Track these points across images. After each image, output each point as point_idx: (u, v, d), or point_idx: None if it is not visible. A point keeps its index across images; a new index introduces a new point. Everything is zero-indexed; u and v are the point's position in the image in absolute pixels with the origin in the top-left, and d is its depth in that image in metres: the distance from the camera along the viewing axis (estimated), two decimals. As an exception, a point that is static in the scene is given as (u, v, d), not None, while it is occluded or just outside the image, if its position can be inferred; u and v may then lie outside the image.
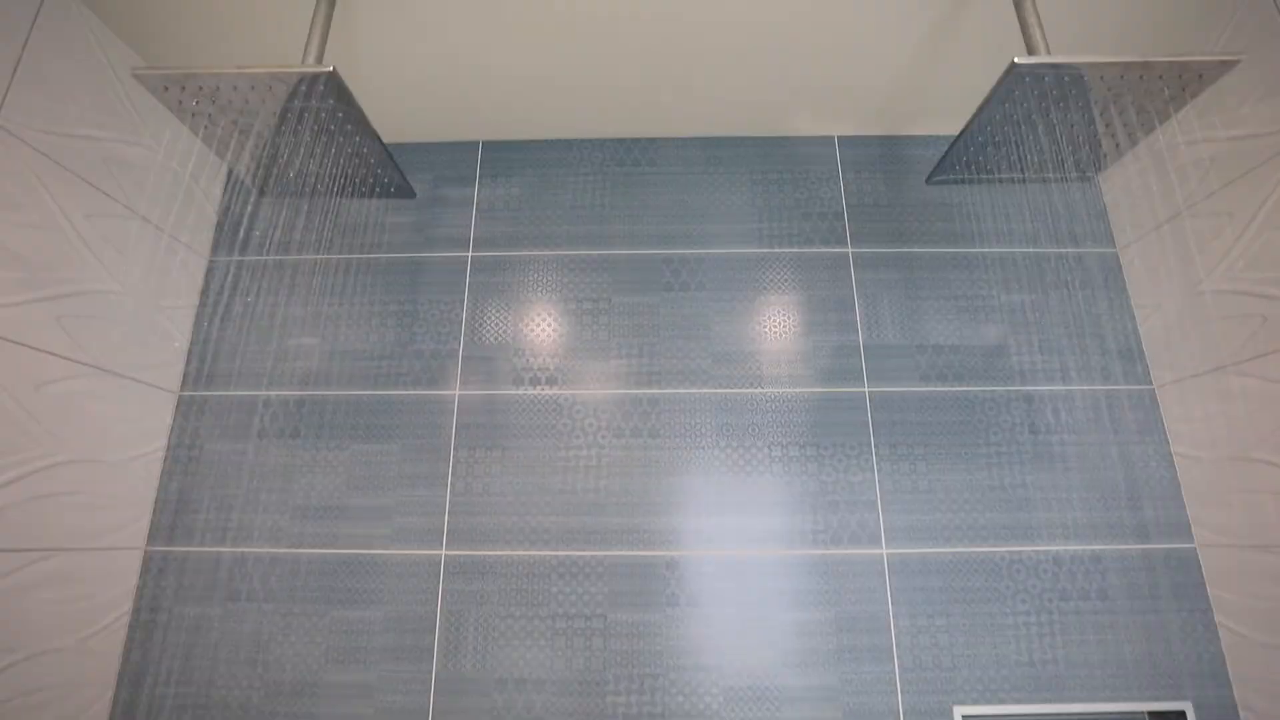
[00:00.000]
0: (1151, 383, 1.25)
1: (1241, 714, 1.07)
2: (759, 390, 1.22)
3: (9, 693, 0.94)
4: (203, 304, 1.32)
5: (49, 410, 1.01)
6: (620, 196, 1.35)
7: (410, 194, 1.30)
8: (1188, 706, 1.08)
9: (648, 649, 1.10)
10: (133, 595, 1.16)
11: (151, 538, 1.19)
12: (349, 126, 0.98)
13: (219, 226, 1.37)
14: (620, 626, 1.11)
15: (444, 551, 1.15)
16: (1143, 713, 1.13)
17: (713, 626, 1.11)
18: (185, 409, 1.26)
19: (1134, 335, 1.27)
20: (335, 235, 1.35)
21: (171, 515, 1.19)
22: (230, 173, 1.40)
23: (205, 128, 0.98)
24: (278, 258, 1.34)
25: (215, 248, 1.36)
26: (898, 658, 1.09)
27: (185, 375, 1.28)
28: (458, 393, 1.24)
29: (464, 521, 1.16)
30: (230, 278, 1.33)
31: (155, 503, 1.20)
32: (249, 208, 1.37)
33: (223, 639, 1.13)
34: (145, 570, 1.17)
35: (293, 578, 1.15)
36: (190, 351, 1.29)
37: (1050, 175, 1.28)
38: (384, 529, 1.17)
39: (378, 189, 1.22)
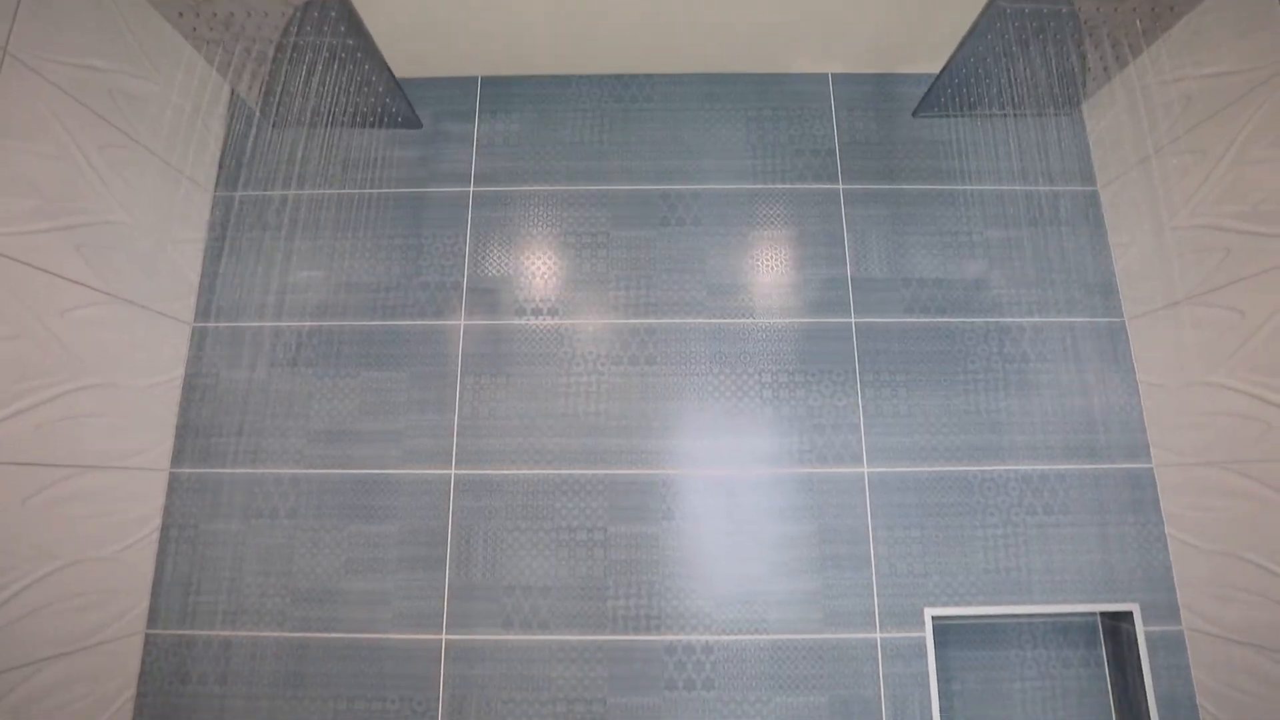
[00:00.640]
0: (1123, 315, 1.31)
1: (1182, 612, 1.18)
2: (751, 320, 1.28)
3: (56, 595, 1.02)
4: (210, 238, 1.35)
5: (73, 336, 1.05)
6: (618, 133, 1.38)
7: (417, 124, 1.33)
8: (1135, 607, 1.19)
9: (645, 559, 1.19)
10: (160, 513, 1.23)
11: (175, 460, 1.25)
12: (359, 54, 1.00)
13: (223, 162, 1.39)
14: (619, 538, 1.19)
15: (453, 471, 1.22)
16: (1095, 613, 1.24)
17: (705, 538, 1.20)
18: (199, 339, 1.30)
19: (1109, 270, 1.33)
20: (339, 170, 1.38)
21: (193, 439, 1.26)
22: (232, 108, 1.41)
23: (220, 55, 0.99)
24: (282, 192, 1.36)
25: (220, 183, 1.38)
26: (875, 566, 1.19)
27: (198, 307, 1.32)
28: (462, 323, 1.29)
29: (472, 443, 1.23)
30: (236, 212, 1.35)
31: (177, 427, 1.27)
32: (252, 143, 1.39)
33: (249, 552, 1.21)
34: (171, 490, 1.24)
35: (312, 496, 1.23)
36: (201, 284, 1.33)
37: (1033, 110, 1.32)
38: (396, 450, 1.24)
39: (385, 119, 1.25)
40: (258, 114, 1.37)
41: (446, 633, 1.16)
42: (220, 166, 1.39)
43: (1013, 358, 1.28)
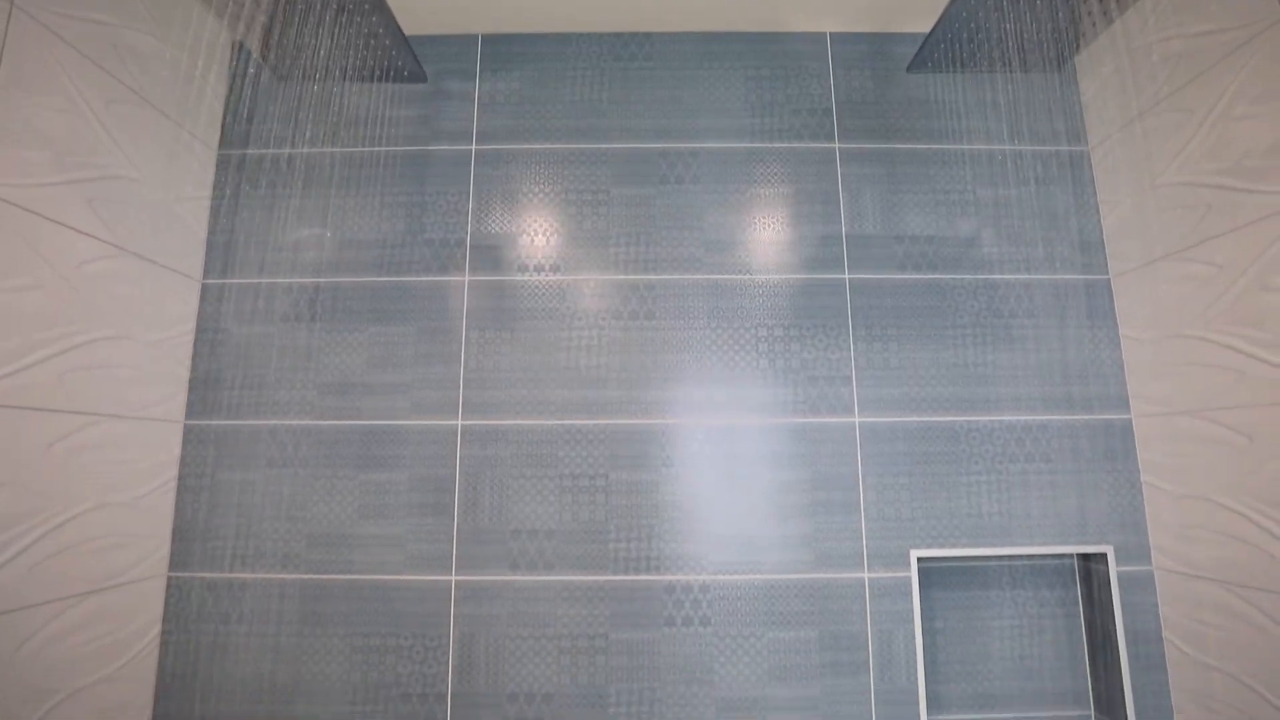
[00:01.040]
0: (1108, 273, 1.35)
1: (1153, 553, 1.24)
2: (748, 277, 1.32)
3: (84, 536, 1.07)
4: (216, 196, 1.37)
5: (89, 288, 1.08)
6: (618, 91, 1.40)
7: (422, 78, 1.34)
8: (1109, 549, 1.25)
9: (644, 504, 1.24)
10: (176, 462, 1.28)
11: (189, 411, 1.29)
12: (366, 6, 1.02)
13: (226, 120, 1.40)
14: (620, 485, 1.25)
15: (460, 421, 1.27)
16: (1071, 554, 1.31)
17: (702, 485, 1.25)
18: (208, 295, 1.33)
19: (1095, 229, 1.37)
20: (341, 128, 1.39)
21: (205, 391, 1.30)
22: (235, 66, 1.42)
23: (229, 7, 1.00)
24: (286, 151, 1.38)
25: (224, 141, 1.39)
26: (864, 510, 1.25)
27: (206, 264, 1.35)
28: (466, 279, 1.32)
29: (477, 395, 1.28)
30: (240, 170, 1.37)
31: (190, 380, 1.30)
32: (257, 101, 1.40)
33: (264, 499, 1.26)
34: (186, 441, 1.29)
35: (323, 446, 1.27)
36: (208, 241, 1.35)
37: (1026, 68, 1.34)
38: (404, 402, 1.28)
39: (391, 73, 1.26)
40: (264, 68, 1.38)
41: (456, 574, 1.22)
42: (224, 125, 1.40)
43: (1000, 313, 1.32)
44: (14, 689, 0.96)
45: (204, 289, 1.34)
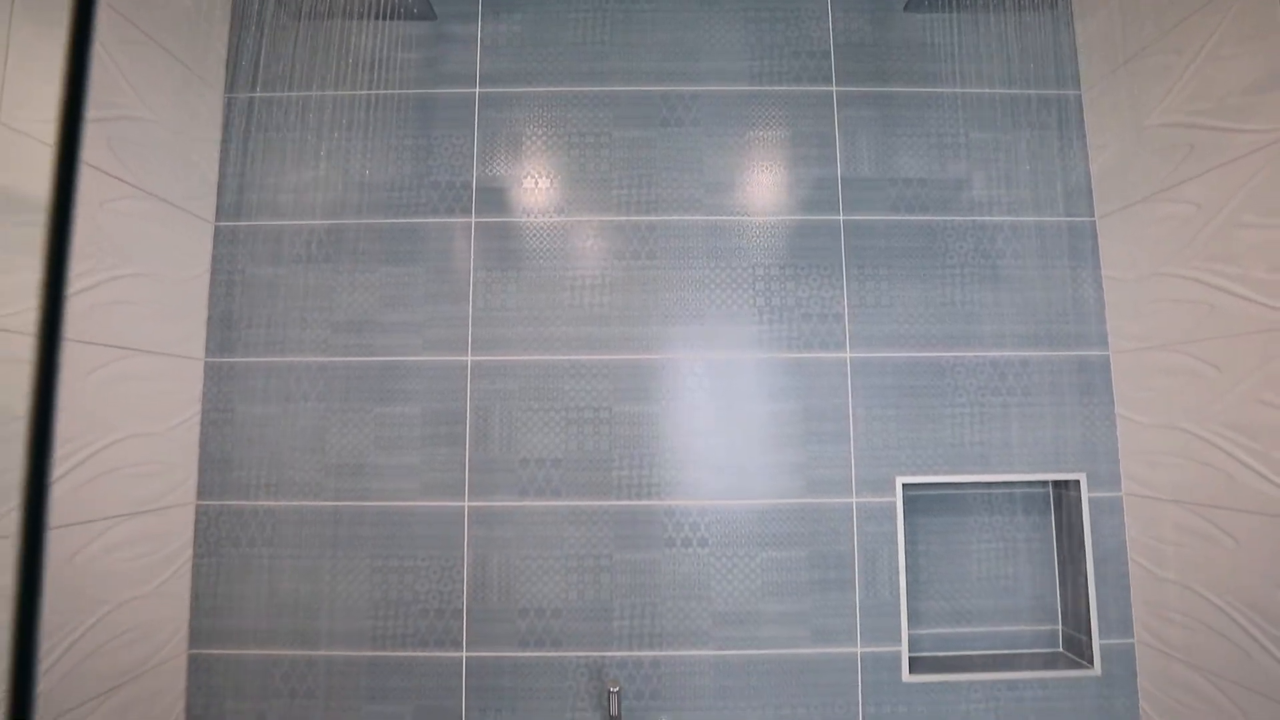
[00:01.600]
0: (1094, 215, 1.40)
1: (1122, 480, 1.33)
2: (745, 218, 1.36)
3: (119, 462, 1.14)
4: (225, 139, 1.40)
5: (114, 226, 1.13)
6: (619, 33, 1.41)
7: (431, 16, 1.35)
8: (1082, 476, 1.33)
9: (646, 434, 1.31)
10: (200, 398, 1.34)
11: (209, 350, 1.35)
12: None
13: (229, 63, 1.42)
14: (623, 416, 1.32)
15: (469, 358, 1.33)
16: (1047, 481, 1.39)
17: (700, 416, 1.32)
18: (221, 237, 1.37)
19: (1084, 172, 1.41)
20: (346, 71, 1.41)
21: (224, 330, 1.35)
22: (238, 6, 1.42)
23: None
24: (292, 94, 1.40)
25: (229, 84, 1.41)
26: (853, 440, 1.32)
27: (219, 206, 1.38)
28: (473, 221, 1.36)
29: (486, 332, 1.33)
30: (249, 113, 1.39)
31: (208, 319, 1.36)
32: (263, 45, 1.41)
33: (285, 432, 1.32)
34: (207, 377, 1.35)
35: (339, 382, 1.33)
36: (220, 184, 1.39)
37: (1022, 6, 1.35)
38: (416, 339, 1.34)
39: (400, 9, 1.28)
40: (271, 2, 1.38)
41: (469, 500, 1.30)
42: (231, 67, 1.41)
43: (988, 254, 1.37)
44: (70, 598, 1.04)
45: (217, 231, 1.38)
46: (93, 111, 1.07)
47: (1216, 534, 1.13)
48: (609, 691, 1.18)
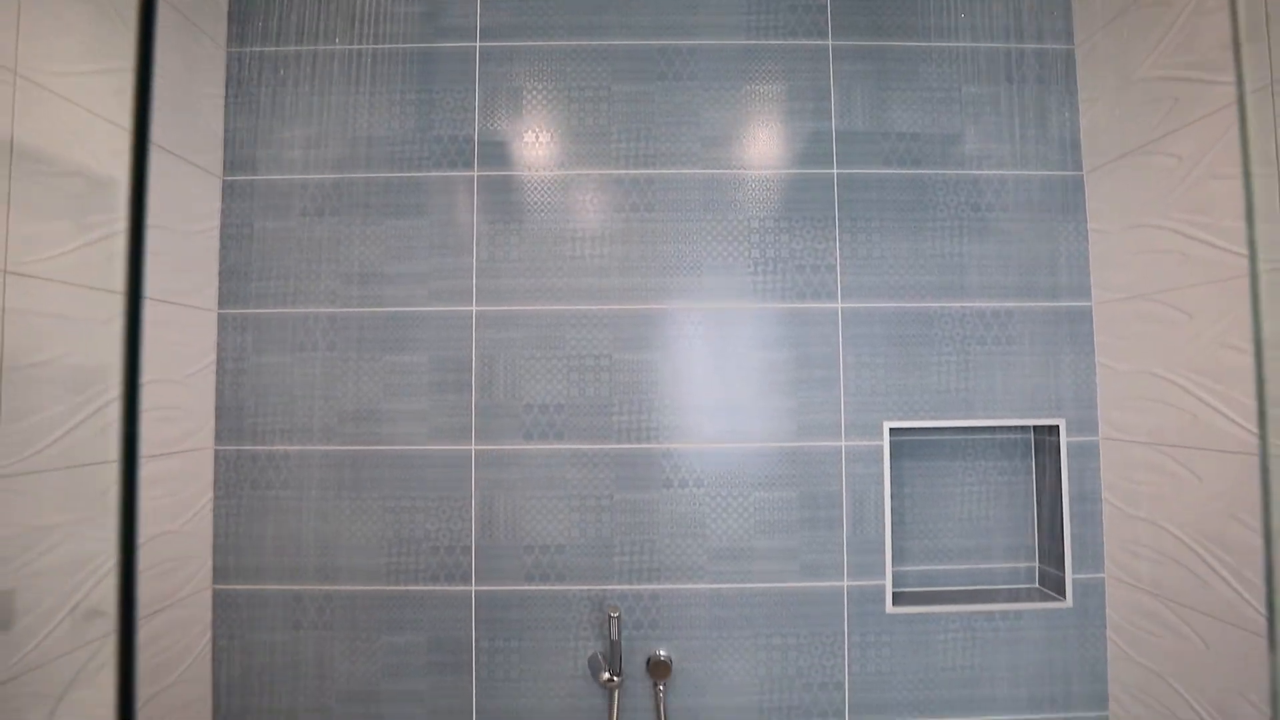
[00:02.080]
0: (1082, 169, 1.43)
1: (1100, 425, 1.39)
2: (741, 171, 1.40)
3: (144, 405, 1.19)
4: (229, 94, 1.41)
5: (125, 177, 1.16)
6: (617, -14, 1.42)
7: None
8: (1061, 421, 1.40)
9: (645, 381, 1.37)
10: (214, 348, 1.39)
11: (221, 302, 1.39)
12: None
13: (230, 16, 1.43)
14: (622, 364, 1.37)
15: (474, 308, 1.38)
16: (1028, 426, 1.46)
17: (697, 364, 1.38)
18: (229, 191, 1.41)
19: (1074, 127, 1.44)
20: (346, 26, 1.42)
21: (234, 282, 1.39)
22: (235, -42, 1.43)
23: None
24: (293, 48, 1.41)
25: (231, 39, 1.42)
26: (843, 387, 1.38)
27: (225, 161, 1.41)
28: (475, 174, 1.39)
29: (490, 283, 1.38)
30: (252, 67, 1.41)
31: (219, 273, 1.40)
32: (260, -5, 1.42)
33: (297, 380, 1.38)
34: (221, 328, 1.39)
35: (348, 332, 1.38)
36: (226, 139, 1.41)
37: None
38: (422, 290, 1.38)
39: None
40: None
41: (475, 444, 1.36)
42: (232, 21, 1.42)
43: (978, 207, 1.41)
44: (104, 531, 1.10)
45: (225, 185, 1.41)
46: (101, 63, 1.09)
47: (1182, 472, 1.19)
48: (609, 616, 1.26)
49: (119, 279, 1.14)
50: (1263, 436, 0.90)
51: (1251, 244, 0.65)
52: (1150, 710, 1.29)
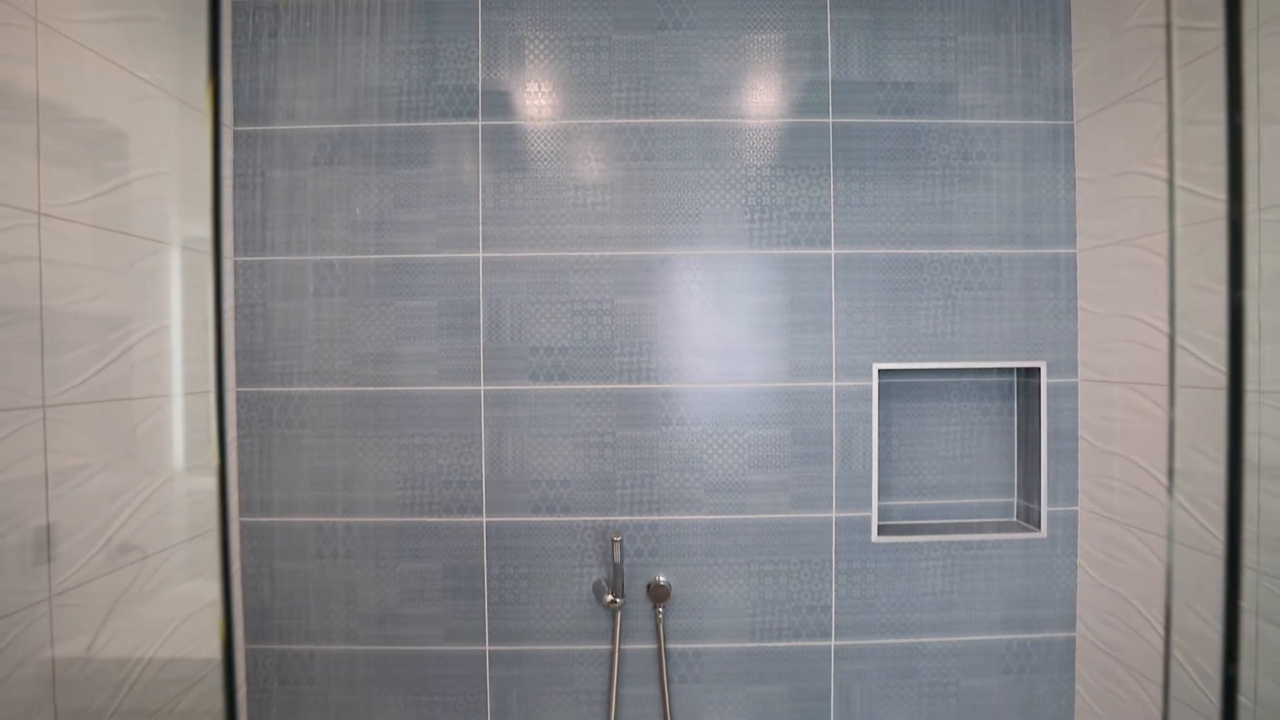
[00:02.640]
0: (1072, 119, 1.47)
1: (1079, 367, 1.46)
2: (739, 120, 1.43)
3: (165, 348, 1.26)
4: (236, 44, 1.44)
5: (143, 124, 1.20)
6: (618, -67, 1.43)
7: None
8: (1043, 363, 1.46)
9: (645, 324, 1.43)
10: (232, 293, 1.44)
11: (237, 250, 1.45)
12: None
13: (235, -36, 1.44)
14: (623, 308, 1.43)
15: (481, 254, 1.43)
16: (1011, 368, 1.53)
17: (695, 307, 1.44)
18: (241, 142, 1.44)
19: (1067, 76, 1.46)
20: (350, -27, 1.44)
21: (249, 230, 1.44)
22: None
23: None
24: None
25: (236, -14, 1.44)
26: (835, 330, 1.44)
27: (235, 111, 1.44)
28: (480, 124, 1.43)
29: (495, 230, 1.43)
30: (257, 16, 1.43)
31: (233, 221, 1.44)
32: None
33: (314, 323, 1.44)
34: (237, 275, 1.45)
35: (360, 278, 1.44)
36: (234, 90, 1.44)
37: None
38: (430, 237, 1.43)
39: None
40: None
41: (484, 384, 1.43)
42: (234, -31, 1.44)
43: (969, 156, 1.45)
44: (139, 463, 1.18)
45: (236, 136, 1.45)
46: (109, 10, 1.12)
47: (1151, 408, 1.27)
48: (612, 541, 1.35)
49: (139, 225, 1.19)
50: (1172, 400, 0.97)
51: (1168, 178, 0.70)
52: (1113, 629, 1.39)
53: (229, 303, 1.44)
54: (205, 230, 1.37)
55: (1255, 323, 1.06)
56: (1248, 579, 1.07)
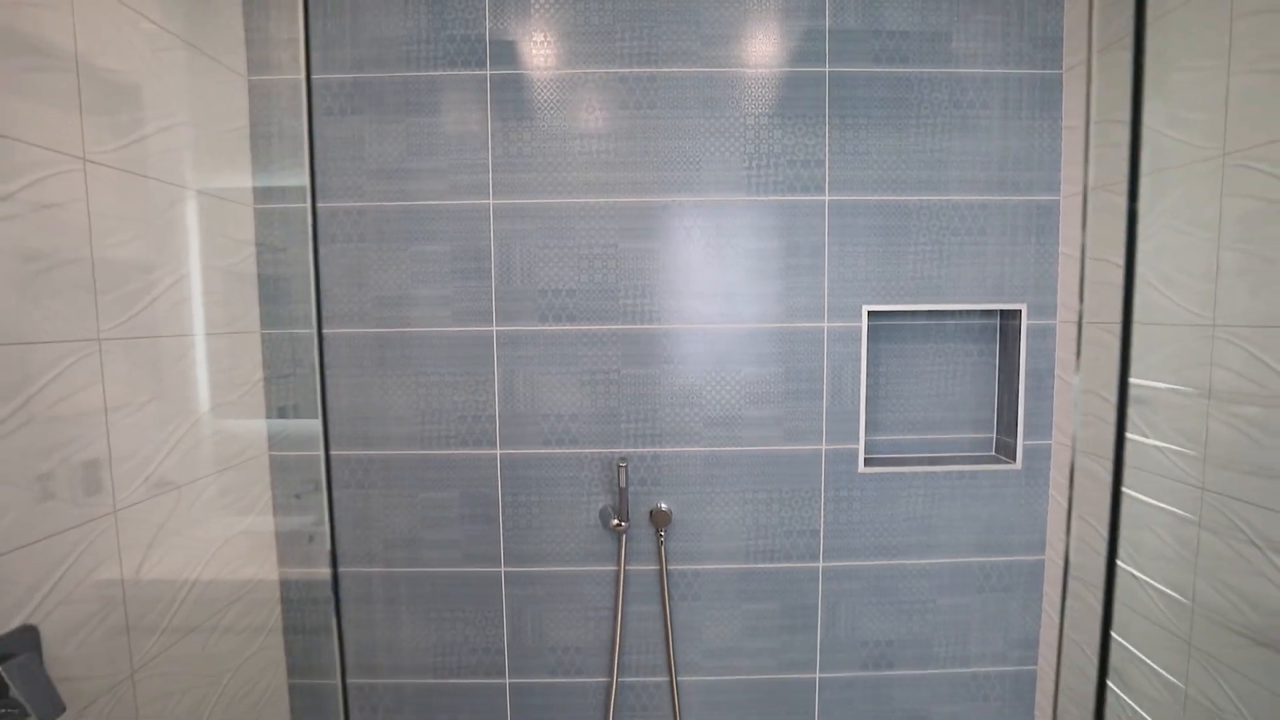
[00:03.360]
0: (1061, 68, 1.51)
1: (1058, 309, 1.54)
2: (738, 69, 1.48)
3: (196, 291, 1.34)
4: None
5: (165, 73, 1.25)
6: (620, -120, 1.45)
7: None
8: (1023, 306, 1.55)
9: (648, 267, 1.51)
10: (253, 239, 1.52)
11: (256, 199, 1.51)
12: None
13: (243, -88, 1.46)
14: (627, 252, 1.51)
15: (491, 201, 1.50)
16: (994, 310, 1.61)
17: (695, 251, 1.51)
18: (254, 92, 1.49)
19: (1058, 25, 1.51)
20: (357, -79, 1.46)
21: (268, 178, 1.50)
22: None
23: None
24: (307, -55, 1.46)
25: (246, -65, 1.47)
26: (827, 273, 1.52)
27: (249, 62, 1.49)
28: (489, 73, 1.48)
29: (505, 177, 1.49)
30: (268, -35, 1.46)
31: (252, 170, 1.50)
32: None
33: (334, 269, 1.52)
34: (257, 221, 1.52)
35: (375, 225, 1.51)
36: (248, 39, 1.48)
37: None
38: (442, 185, 1.50)
39: None
40: None
41: (496, 325, 1.52)
42: (242, -83, 1.46)
43: (960, 104, 1.50)
44: (175, 396, 1.28)
45: (250, 85, 1.49)
46: (140, -39, 1.17)
47: (1115, 343, 1.36)
48: (618, 467, 1.46)
49: (163, 173, 1.26)
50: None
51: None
52: (1078, 553, 1.51)
53: (250, 249, 1.51)
54: (224, 180, 1.44)
55: (1214, 263, 1.15)
56: (1193, 495, 1.18)
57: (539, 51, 1.48)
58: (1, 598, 0.93)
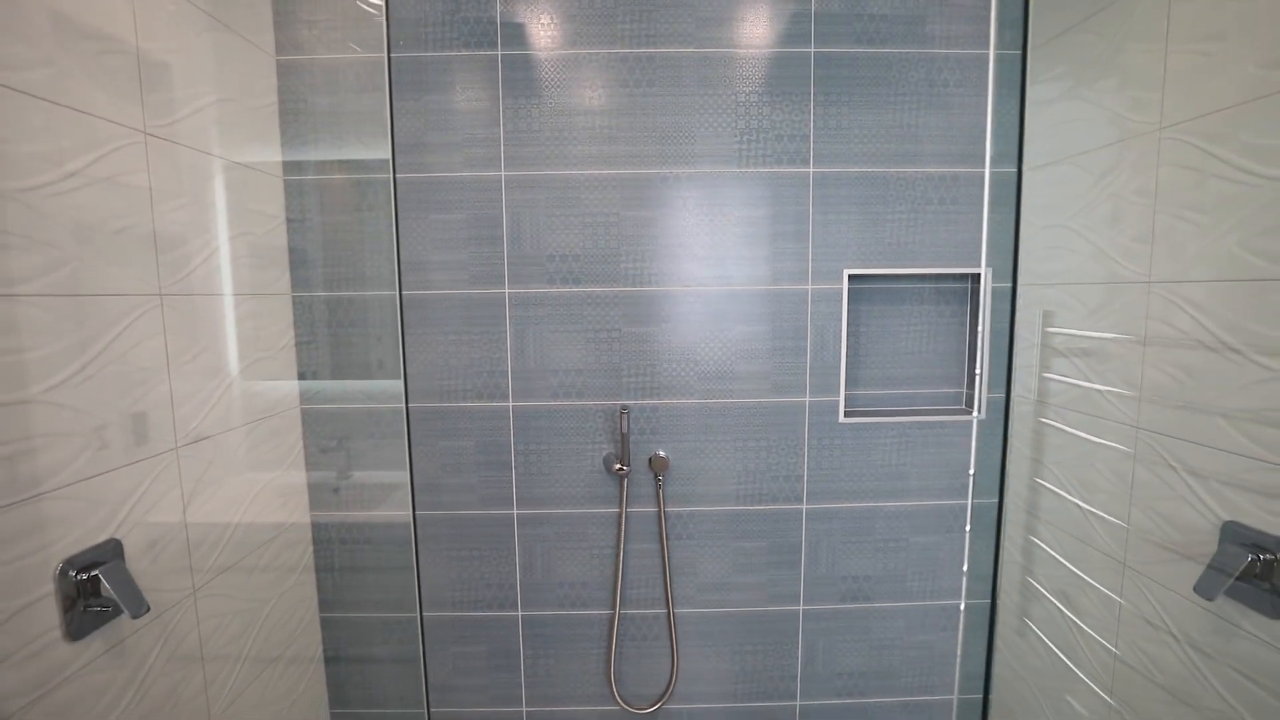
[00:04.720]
0: (1024, 49, 1.64)
1: (1020, 274, 1.69)
2: (731, 50, 1.60)
3: (237, 254, 1.47)
4: (274, -24, 1.58)
5: (202, 56, 1.37)
6: None
7: None
8: (988, 270, 1.69)
9: (647, 234, 1.65)
10: (283, 209, 1.64)
11: (286, 171, 1.64)
12: None
13: (268, -100, 1.57)
14: (628, 220, 1.64)
15: (503, 173, 1.63)
16: (965, 274, 1.76)
17: (690, 220, 1.65)
18: (284, 70, 1.61)
19: (1025, 8, 1.63)
20: (375, -91, 1.57)
21: (296, 152, 1.63)
22: None
23: None
24: (329, -68, 1.57)
25: (271, -79, 1.57)
26: (811, 240, 1.66)
27: (277, 43, 1.60)
28: (500, 54, 1.60)
29: (515, 151, 1.62)
30: (293, -49, 1.57)
31: (281, 144, 1.63)
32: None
33: (357, 236, 1.65)
34: (286, 192, 1.64)
35: (397, 193, 1.63)
36: (274, 21, 1.59)
37: None
38: (457, 158, 1.62)
39: None
40: None
41: (508, 288, 1.66)
42: (268, -95, 1.57)
43: (935, 83, 1.63)
44: (219, 355, 1.42)
45: (278, 65, 1.61)
46: (185, -50, 1.28)
47: (1073, 303, 1.51)
48: (620, 413, 1.61)
49: (208, 145, 1.38)
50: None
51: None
52: (1032, 490, 1.68)
53: (280, 218, 1.64)
54: (257, 154, 1.56)
55: (1150, 226, 1.29)
56: (1130, 433, 1.34)
57: (546, 33, 1.60)
58: (93, 513, 1.08)
